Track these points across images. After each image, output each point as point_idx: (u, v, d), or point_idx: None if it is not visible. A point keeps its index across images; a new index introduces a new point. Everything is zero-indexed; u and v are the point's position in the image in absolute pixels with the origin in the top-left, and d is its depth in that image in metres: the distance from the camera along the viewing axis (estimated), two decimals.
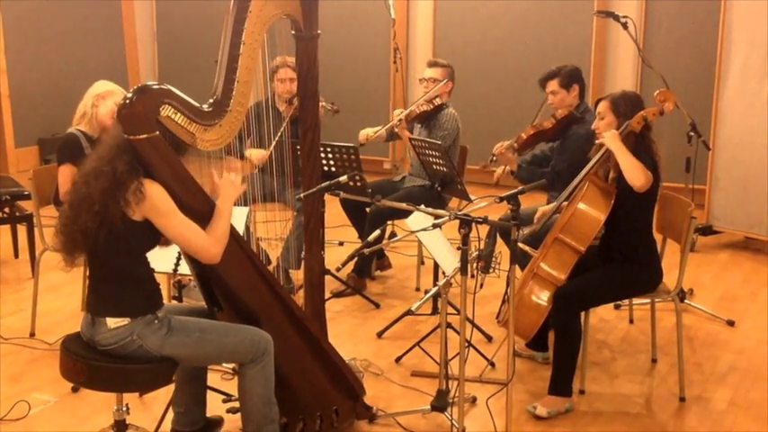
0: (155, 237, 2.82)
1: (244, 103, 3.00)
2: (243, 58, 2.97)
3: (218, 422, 3.33)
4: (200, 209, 2.87)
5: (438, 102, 5.07)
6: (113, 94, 4.12)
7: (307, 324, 3.25)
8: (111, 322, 2.79)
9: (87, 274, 2.92)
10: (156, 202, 2.73)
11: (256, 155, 4.92)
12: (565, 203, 3.83)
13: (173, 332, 2.85)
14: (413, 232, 3.29)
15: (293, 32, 3.28)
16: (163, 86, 2.79)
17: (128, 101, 2.71)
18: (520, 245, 3.64)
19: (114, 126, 2.81)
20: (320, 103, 5.02)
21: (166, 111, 2.76)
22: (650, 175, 3.48)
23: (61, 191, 4.03)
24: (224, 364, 3.69)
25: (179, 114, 2.80)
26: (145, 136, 2.73)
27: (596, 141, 3.71)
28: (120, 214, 2.69)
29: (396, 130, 5.01)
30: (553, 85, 4.51)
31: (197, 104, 2.86)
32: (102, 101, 4.13)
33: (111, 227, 2.70)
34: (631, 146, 3.60)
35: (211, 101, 2.93)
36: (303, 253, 3.50)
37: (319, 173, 3.46)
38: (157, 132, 2.76)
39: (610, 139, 3.58)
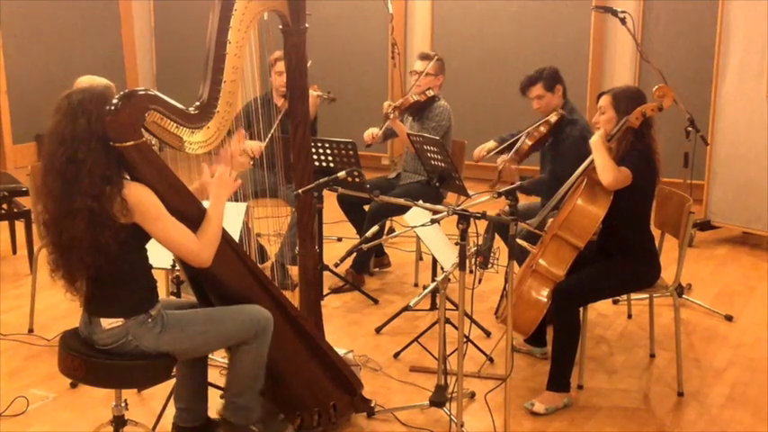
0: (146, 237, 2.80)
1: (232, 102, 2.97)
2: (229, 57, 2.94)
3: (220, 423, 3.33)
4: (190, 213, 2.85)
5: (430, 93, 5.07)
6: None
7: (302, 322, 3.25)
8: (106, 323, 2.78)
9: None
10: (146, 207, 2.70)
11: (252, 145, 4.90)
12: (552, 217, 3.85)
13: (166, 329, 2.84)
14: (411, 228, 3.29)
15: (281, 27, 3.25)
16: (149, 92, 2.75)
17: (113, 108, 2.66)
18: (518, 240, 3.64)
19: (53, 137, 2.68)
20: (316, 93, 5.03)
21: (153, 116, 2.73)
22: (625, 174, 3.52)
23: None
24: (221, 360, 3.68)
25: (165, 119, 2.77)
26: (132, 143, 2.69)
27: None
28: (112, 239, 2.66)
29: (389, 120, 4.97)
30: (537, 89, 4.48)
31: (183, 108, 2.83)
32: None
33: (107, 252, 2.68)
34: (629, 142, 3.61)
35: (198, 104, 2.90)
36: (297, 249, 3.49)
37: (311, 168, 3.44)
38: (144, 139, 2.73)
39: (594, 136, 3.64)
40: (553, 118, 4.43)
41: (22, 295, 4.76)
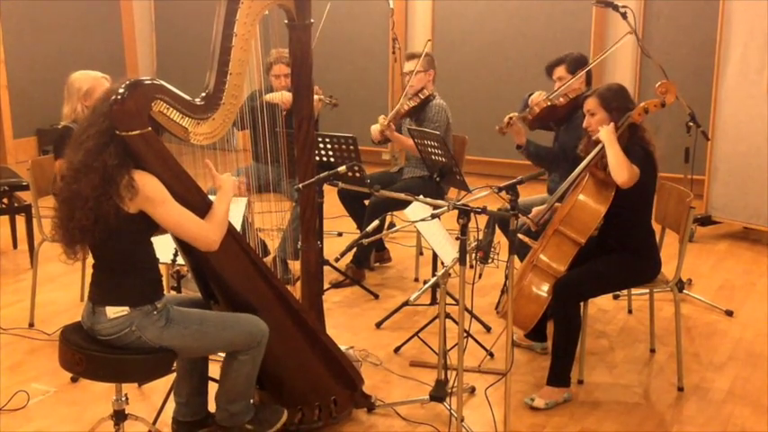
0: (152, 226, 2.82)
1: (237, 95, 2.98)
2: (235, 50, 2.95)
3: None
4: (195, 202, 2.86)
5: (425, 93, 5.05)
6: (95, 89, 4.05)
7: (304, 315, 3.25)
8: (111, 312, 2.79)
9: (91, 264, 2.91)
10: (150, 193, 2.72)
11: (285, 96, 4.93)
12: (558, 205, 3.83)
13: (171, 323, 2.85)
14: (412, 222, 3.29)
15: (286, 22, 3.26)
16: (155, 81, 2.77)
17: (119, 97, 2.67)
18: (519, 235, 3.64)
19: (97, 108, 2.76)
20: (319, 97, 5.04)
21: (159, 106, 2.74)
22: (636, 171, 3.50)
23: None
24: (221, 355, 3.68)
25: (171, 109, 2.78)
26: (137, 132, 2.71)
27: (592, 138, 3.72)
28: (113, 210, 2.68)
29: (387, 134, 5.02)
30: (560, 71, 4.49)
31: (189, 98, 2.84)
32: (89, 99, 4.07)
33: (106, 223, 2.69)
34: (626, 137, 3.61)
35: (204, 94, 2.91)
36: (300, 244, 3.50)
37: (315, 164, 3.45)
38: (150, 128, 2.74)
39: (605, 132, 3.60)
40: (572, 93, 4.37)
41: (23, 289, 4.77)
